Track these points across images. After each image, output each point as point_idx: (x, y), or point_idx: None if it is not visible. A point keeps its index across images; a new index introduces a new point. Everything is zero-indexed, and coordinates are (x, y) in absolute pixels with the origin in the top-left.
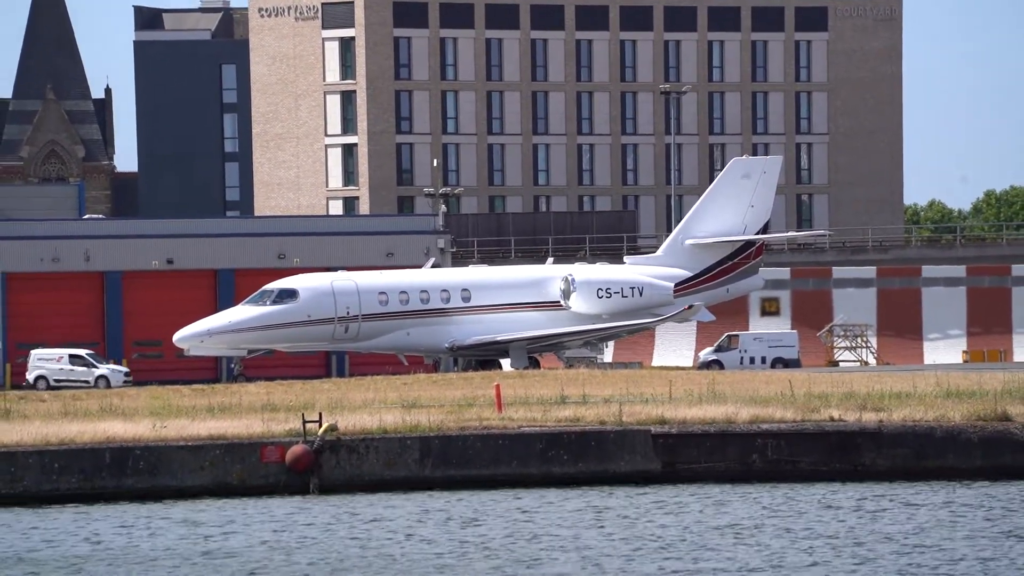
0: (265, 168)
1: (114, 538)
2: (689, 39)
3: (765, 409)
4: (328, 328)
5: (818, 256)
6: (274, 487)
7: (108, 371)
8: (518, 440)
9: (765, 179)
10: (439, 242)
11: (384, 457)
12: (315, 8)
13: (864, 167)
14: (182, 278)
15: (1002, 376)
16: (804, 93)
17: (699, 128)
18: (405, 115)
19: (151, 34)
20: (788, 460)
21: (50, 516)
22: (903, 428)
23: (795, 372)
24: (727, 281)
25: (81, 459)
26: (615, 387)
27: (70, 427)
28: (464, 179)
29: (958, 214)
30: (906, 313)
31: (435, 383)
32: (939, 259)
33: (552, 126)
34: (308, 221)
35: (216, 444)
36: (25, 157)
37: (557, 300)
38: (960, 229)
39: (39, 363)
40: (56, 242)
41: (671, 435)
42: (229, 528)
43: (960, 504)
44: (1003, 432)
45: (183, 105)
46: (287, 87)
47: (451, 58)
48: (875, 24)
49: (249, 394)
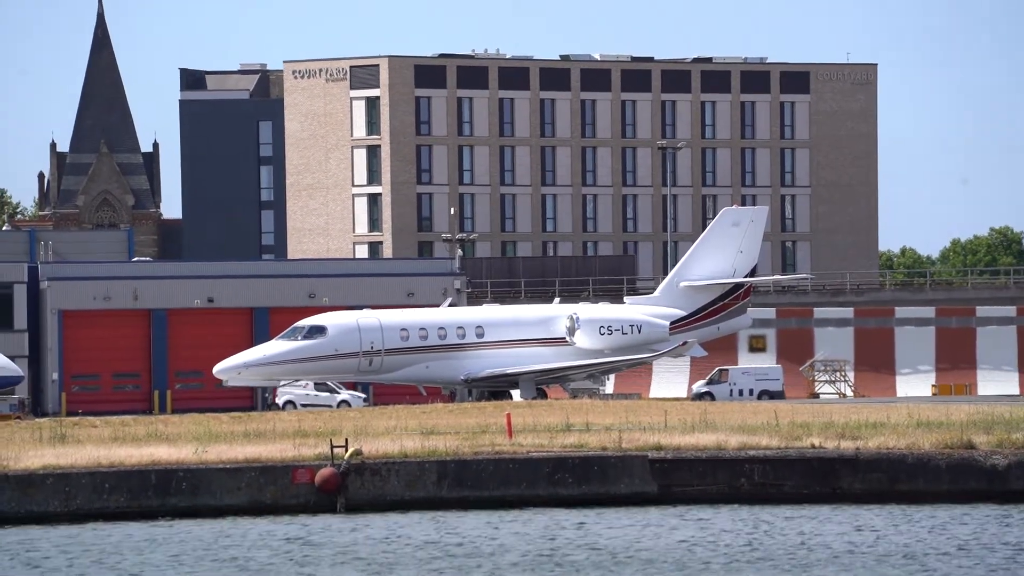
0: (297, 215)
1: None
2: (684, 100)
3: (752, 437)
4: (354, 361)
5: (801, 298)
6: (304, 506)
7: (349, 396)
8: (527, 464)
9: (753, 227)
10: (456, 283)
11: (405, 479)
12: (344, 71)
13: (843, 217)
14: (221, 315)
15: (967, 408)
16: (788, 149)
17: (693, 180)
18: (425, 167)
19: (195, 94)
20: (773, 484)
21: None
22: (878, 455)
23: (780, 403)
24: (718, 320)
25: (129, 480)
26: (616, 416)
27: (119, 451)
28: (479, 226)
29: (928, 260)
30: (880, 350)
31: (451, 412)
32: (910, 301)
33: (559, 178)
34: (336, 264)
35: (252, 467)
36: (80, 205)
37: (563, 336)
38: (930, 274)
39: (288, 389)
40: (107, 282)
41: (667, 460)
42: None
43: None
44: (968, 459)
45: (223, 158)
46: (318, 142)
47: (467, 116)
48: (853, 87)
49: (282, 421)
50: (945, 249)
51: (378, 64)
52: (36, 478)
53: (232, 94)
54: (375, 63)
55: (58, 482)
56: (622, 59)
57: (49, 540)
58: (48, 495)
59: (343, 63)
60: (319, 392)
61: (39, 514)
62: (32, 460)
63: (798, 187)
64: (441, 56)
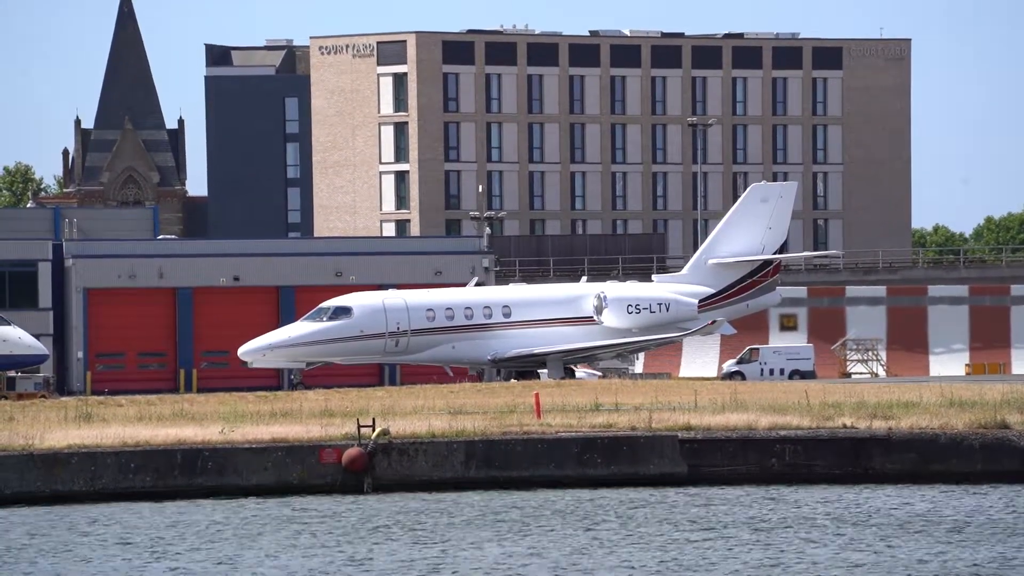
0: (324, 193)
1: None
2: (715, 76)
3: (783, 417)
4: (380, 343)
5: (833, 276)
6: (331, 486)
7: (585, 374)
8: (556, 444)
9: (782, 203)
10: (483, 262)
11: (432, 459)
12: (371, 46)
13: (875, 194)
14: (247, 294)
15: (1001, 387)
16: (820, 126)
17: (723, 158)
18: (453, 145)
19: (221, 70)
20: (804, 464)
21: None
22: (910, 435)
23: (811, 383)
24: (747, 297)
25: (155, 459)
26: (645, 396)
27: (145, 431)
28: (507, 204)
29: (961, 238)
30: (913, 329)
31: (479, 391)
32: (944, 279)
33: (588, 155)
34: (363, 242)
35: (278, 446)
36: (105, 183)
37: (591, 316)
38: (963, 252)
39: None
40: (133, 260)
41: (696, 440)
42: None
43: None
44: (1002, 439)
45: (249, 135)
46: (345, 119)
47: (495, 92)
48: (886, 63)
49: (308, 400)
50: (979, 226)
51: (405, 40)
52: (62, 457)
53: (258, 70)
54: (402, 39)
55: (84, 461)
56: (652, 35)
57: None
58: (73, 474)
59: (370, 39)
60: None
61: (65, 493)
62: (58, 439)
63: (830, 164)
64: (469, 32)
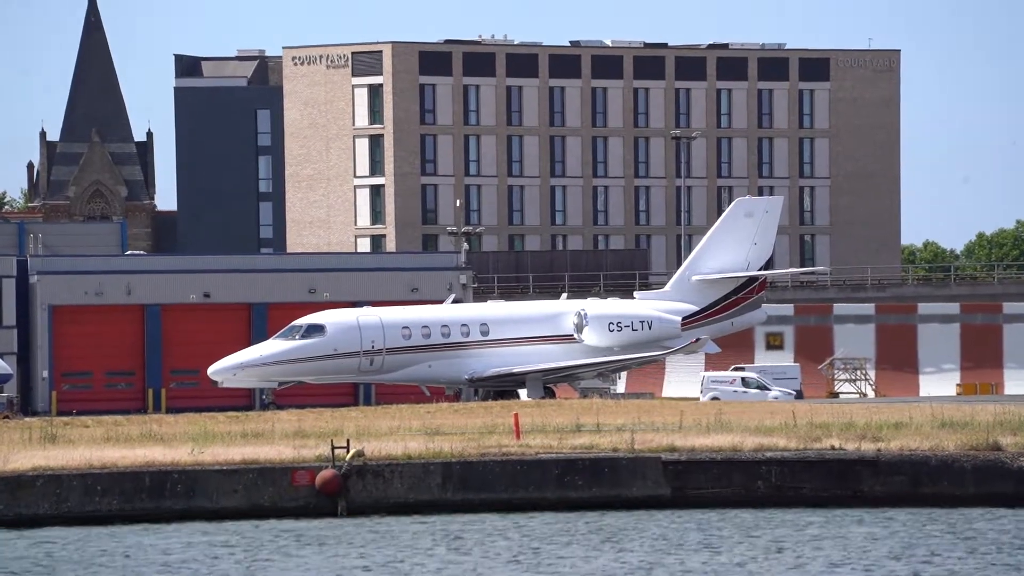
0: (297, 207)
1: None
2: (699, 87)
3: (769, 438)
4: (354, 361)
5: (820, 293)
6: (304, 509)
7: (780, 392)
8: (535, 466)
9: (767, 218)
10: (461, 278)
11: (408, 481)
12: (345, 57)
13: (863, 209)
14: (218, 311)
15: (993, 408)
16: (807, 139)
17: (708, 171)
18: (430, 158)
19: (190, 81)
20: (791, 486)
21: None
22: (900, 457)
23: (797, 403)
24: (732, 315)
25: (123, 482)
26: (627, 416)
27: (112, 452)
28: (485, 218)
29: (951, 254)
30: (903, 348)
31: (457, 412)
32: (934, 297)
33: (569, 169)
34: (338, 258)
35: (249, 468)
36: (71, 196)
37: (571, 333)
38: (954, 268)
39: (713, 384)
40: (100, 277)
41: (680, 462)
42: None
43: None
44: (994, 461)
45: (220, 148)
46: (318, 131)
47: (473, 104)
48: (874, 75)
49: (281, 421)
50: (970, 243)
51: (381, 50)
52: (26, 480)
53: (229, 81)
54: (378, 49)
55: (49, 484)
56: (634, 45)
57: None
58: (38, 497)
59: (344, 49)
60: (748, 389)
61: (29, 517)
62: (22, 461)
63: (817, 178)
64: (446, 42)
